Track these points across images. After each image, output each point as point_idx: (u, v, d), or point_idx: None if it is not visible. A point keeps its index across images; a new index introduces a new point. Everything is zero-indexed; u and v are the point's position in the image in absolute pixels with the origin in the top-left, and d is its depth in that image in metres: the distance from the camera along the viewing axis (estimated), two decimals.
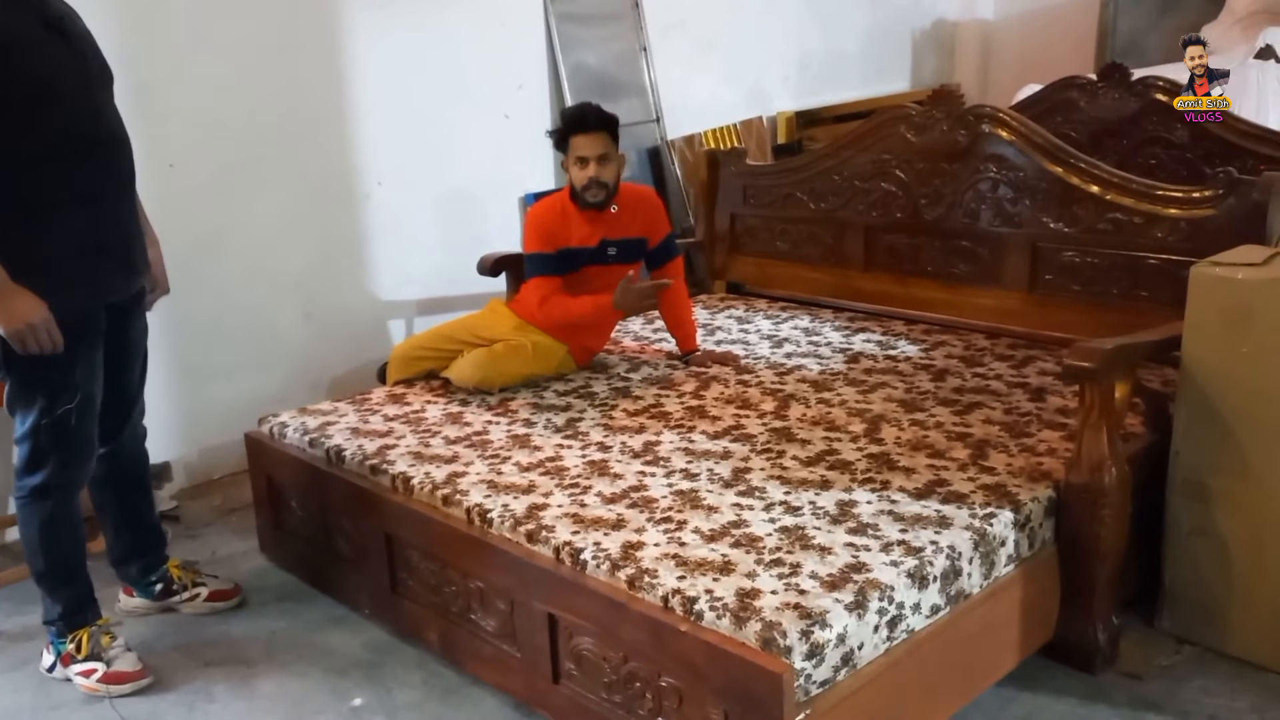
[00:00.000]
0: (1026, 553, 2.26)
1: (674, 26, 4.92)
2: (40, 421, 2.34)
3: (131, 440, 2.67)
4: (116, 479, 2.66)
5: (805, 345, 3.41)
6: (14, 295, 2.20)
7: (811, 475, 2.41)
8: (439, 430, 2.81)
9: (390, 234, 4.07)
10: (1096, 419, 2.26)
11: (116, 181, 2.38)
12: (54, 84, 2.21)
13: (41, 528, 2.43)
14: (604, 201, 3.12)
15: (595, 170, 3.06)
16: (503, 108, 4.38)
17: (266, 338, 3.77)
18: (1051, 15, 6.12)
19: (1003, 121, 3.17)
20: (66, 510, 2.45)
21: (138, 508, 2.74)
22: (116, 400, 2.54)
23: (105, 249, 2.36)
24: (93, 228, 2.32)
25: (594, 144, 3.06)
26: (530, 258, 3.19)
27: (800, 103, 5.63)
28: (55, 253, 2.26)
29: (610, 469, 2.51)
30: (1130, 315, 2.83)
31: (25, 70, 2.16)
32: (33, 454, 2.38)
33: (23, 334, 2.21)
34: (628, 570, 2.04)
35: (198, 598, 2.80)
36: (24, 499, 2.42)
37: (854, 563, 2.01)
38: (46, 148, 2.21)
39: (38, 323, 2.22)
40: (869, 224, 3.56)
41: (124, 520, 2.72)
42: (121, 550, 2.76)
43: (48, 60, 2.21)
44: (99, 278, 2.37)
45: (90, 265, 2.33)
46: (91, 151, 2.29)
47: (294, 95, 3.75)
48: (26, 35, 2.18)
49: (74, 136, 2.25)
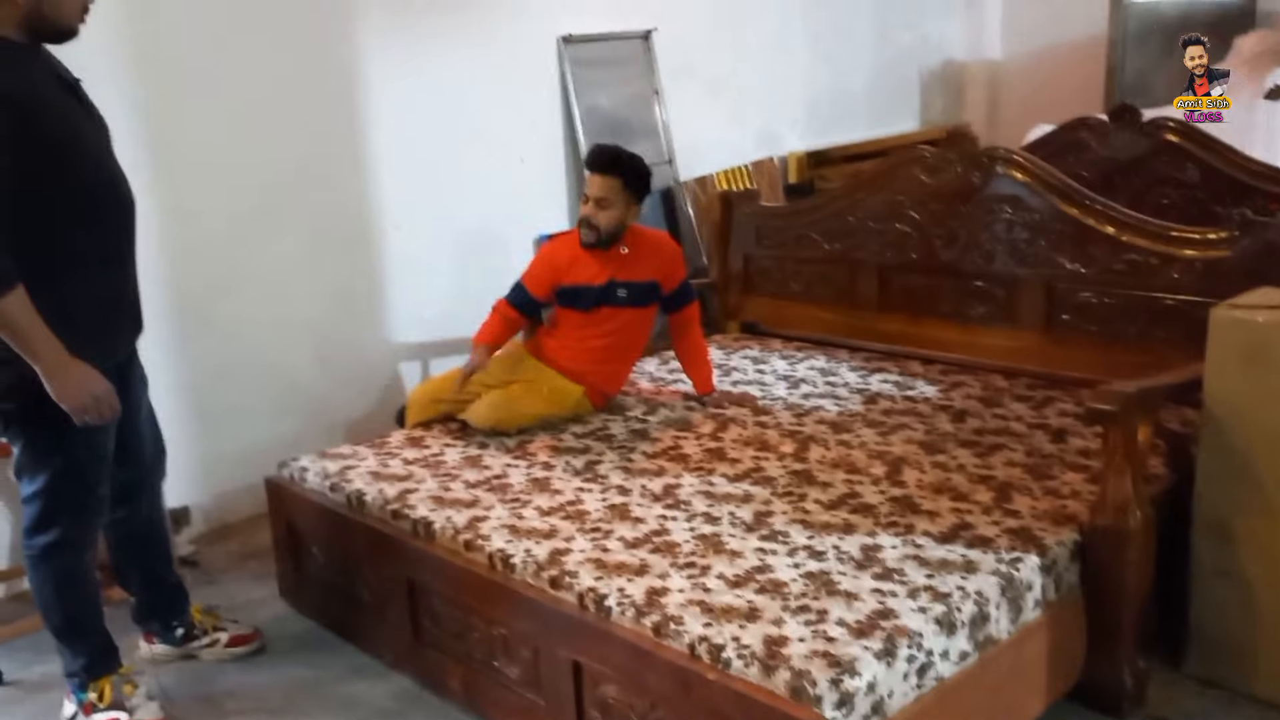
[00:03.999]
0: (1053, 597, 2.25)
1: (685, 70, 4.98)
2: (53, 483, 2.31)
3: (149, 504, 2.66)
4: (133, 542, 2.66)
5: (822, 386, 3.42)
6: (75, 369, 2.19)
7: (834, 519, 2.41)
8: (459, 474, 2.82)
9: (406, 276, 4.09)
10: (1120, 462, 2.26)
11: (130, 240, 2.40)
12: (77, 146, 2.23)
13: (59, 584, 2.40)
14: (595, 243, 3.15)
15: (591, 210, 3.13)
16: (517, 150, 4.42)
17: (283, 381, 3.79)
18: (1059, 55, 6.17)
19: (1017, 163, 3.20)
20: (80, 566, 2.43)
21: (155, 569, 2.74)
22: (125, 457, 2.52)
23: (122, 306, 2.38)
24: (112, 286, 2.34)
25: (596, 185, 3.13)
26: (517, 284, 3.29)
27: (810, 143, 5.67)
28: (79, 312, 2.25)
29: (631, 513, 2.51)
30: (1147, 355, 2.84)
31: (53, 134, 2.17)
32: (43, 513, 2.35)
33: (87, 407, 2.20)
34: (653, 617, 2.03)
35: (217, 643, 2.80)
36: (35, 557, 2.39)
37: (881, 609, 2.00)
38: (72, 210, 2.21)
39: (101, 394, 2.22)
40: (883, 264, 3.57)
41: (144, 580, 2.73)
42: (145, 610, 2.76)
43: (70, 123, 2.23)
44: (115, 335, 2.38)
45: (108, 323, 2.34)
46: (109, 212, 2.31)
47: (311, 141, 3.79)
48: (53, 99, 2.20)
49: (95, 198, 2.27)
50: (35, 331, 2.13)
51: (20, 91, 2.11)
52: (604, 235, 3.15)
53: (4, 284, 2.08)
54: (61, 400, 2.18)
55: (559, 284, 3.22)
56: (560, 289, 3.22)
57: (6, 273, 2.08)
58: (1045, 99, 5.97)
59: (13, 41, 2.14)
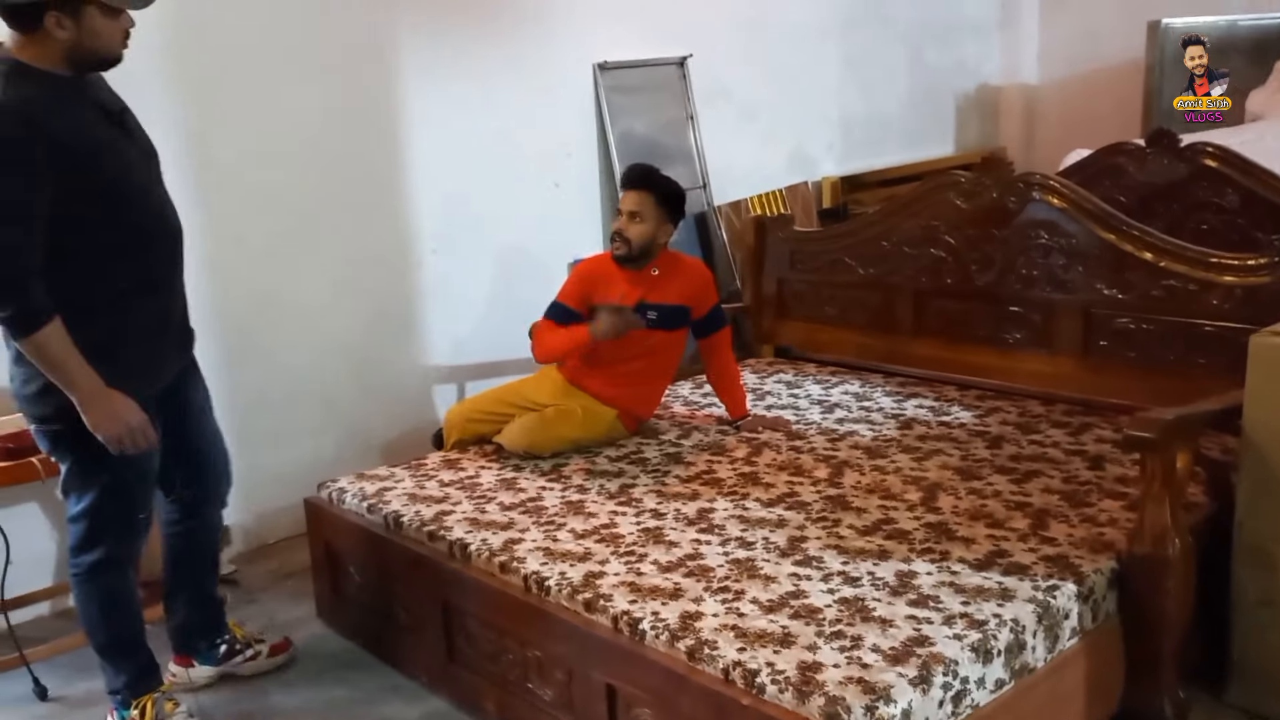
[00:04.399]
0: (1090, 625, 2.23)
1: (719, 95, 5.01)
2: (98, 503, 2.36)
3: (210, 522, 2.70)
4: (195, 556, 2.69)
5: (857, 410, 3.42)
6: (112, 399, 2.23)
7: (869, 545, 2.41)
8: (494, 496, 2.84)
9: (442, 300, 4.14)
10: (1158, 490, 2.24)
11: (177, 269, 2.44)
12: (123, 181, 2.26)
13: (101, 604, 2.45)
14: (625, 257, 3.19)
15: (622, 224, 3.19)
16: (552, 176, 4.47)
17: (320, 403, 3.83)
18: (1095, 79, 6.15)
19: (1053, 188, 3.19)
20: (124, 584, 2.47)
21: (205, 586, 2.77)
22: (194, 473, 2.59)
23: (166, 333, 2.42)
24: (158, 315, 2.38)
25: (629, 200, 3.20)
26: (554, 303, 3.31)
27: (845, 167, 5.68)
28: (122, 342, 2.28)
29: (665, 536, 2.52)
30: (1187, 382, 2.81)
31: (104, 169, 2.22)
32: (89, 532, 2.39)
33: (122, 437, 2.24)
34: (687, 641, 2.04)
35: (259, 655, 2.83)
36: (80, 575, 2.43)
37: (916, 636, 1.99)
38: (121, 242, 2.26)
39: (135, 425, 2.25)
40: (918, 289, 3.57)
41: (192, 599, 2.75)
42: (188, 630, 2.77)
43: (122, 158, 2.27)
44: (159, 363, 2.42)
45: (152, 351, 2.38)
46: (156, 241, 2.35)
47: (351, 166, 3.85)
48: (99, 136, 2.23)
49: (141, 229, 2.30)
50: (71, 363, 2.17)
51: (62, 133, 2.14)
52: (634, 249, 3.18)
53: (40, 319, 2.12)
54: (97, 430, 2.22)
55: (591, 302, 3.25)
56: (592, 308, 3.25)
57: (42, 308, 2.12)
58: (1082, 123, 5.95)
59: (57, 76, 2.17)
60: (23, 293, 2.11)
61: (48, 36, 2.14)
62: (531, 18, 4.30)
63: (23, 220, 2.09)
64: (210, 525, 2.71)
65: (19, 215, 2.09)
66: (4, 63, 2.16)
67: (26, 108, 2.10)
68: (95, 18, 2.15)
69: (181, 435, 2.54)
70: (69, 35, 2.14)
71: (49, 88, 2.16)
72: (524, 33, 4.28)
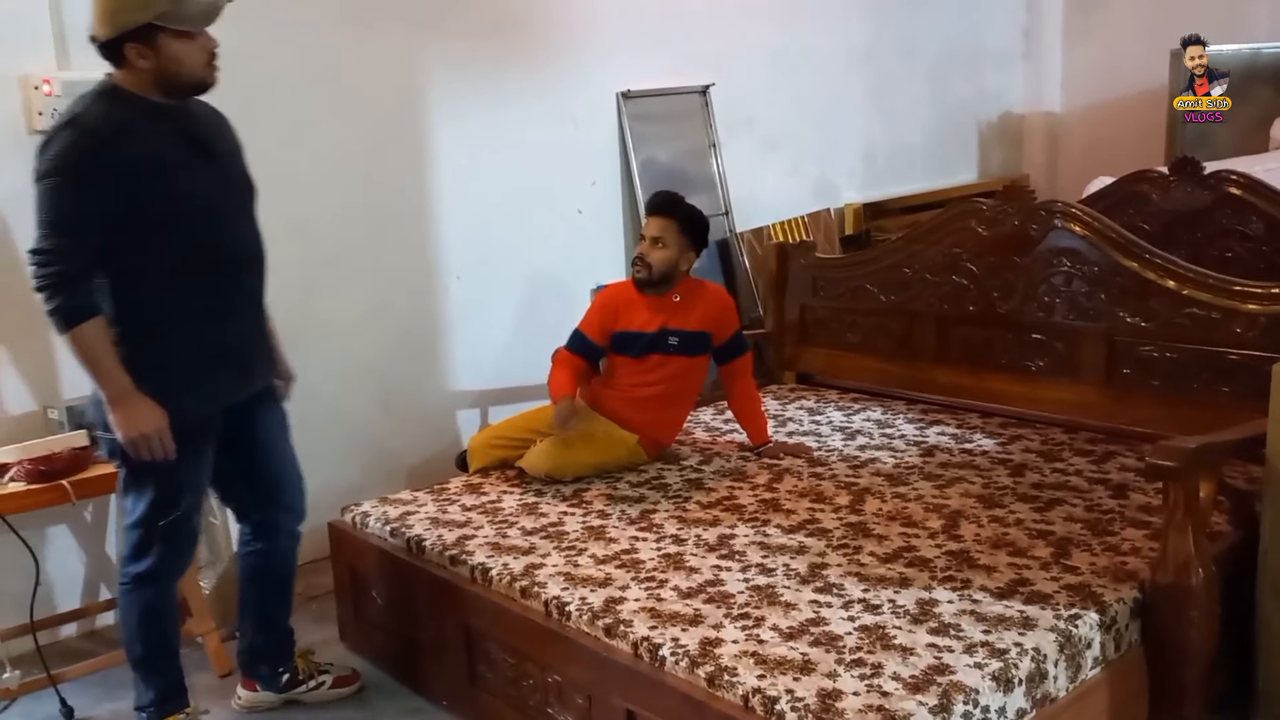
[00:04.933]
0: (1113, 655, 2.22)
1: (742, 123, 5.05)
2: (147, 514, 2.43)
3: (285, 547, 2.72)
4: (263, 578, 2.72)
5: (878, 438, 3.41)
6: (136, 403, 2.29)
7: (890, 572, 2.40)
8: (516, 521, 2.86)
9: (466, 326, 4.18)
10: (1181, 518, 2.24)
11: (246, 295, 2.50)
12: (195, 203, 2.34)
13: (141, 615, 2.51)
14: (645, 280, 3.23)
15: (644, 249, 3.22)
16: (576, 203, 4.51)
17: (347, 427, 3.87)
18: (1119, 107, 6.15)
19: (1075, 216, 3.19)
20: (165, 598, 2.54)
21: (273, 613, 2.78)
22: (261, 499, 2.64)
23: (225, 358, 2.46)
24: (215, 338, 2.43)
25: (653, 225, 3.24)
26: (576, 331, 3.34)
27: (867, 194, 5.70)
28: (175, 360, 2.36)
29: (686, 562, 2.52)
30: (1211, 411, 2.80)
31: (171, 192, 2.30)
32: (140, 542, 2.46)
33: (138, 442, 2.30)
34: (707, 667, 2.04)
35: (323, 685, 2.85)
36: (127, 585, 2.51)
37: (937, 664, 1.99)
38: (182, 262, 2.34)
39: (151, 432, 2.30)
40: (940, 316, 3.57)
41: (259, 623, 2.77)
42: (254, 654, 2.79)
43: (194, 181, 2.35)
44: (214, 385, 2.45)
45: (207, 372, 2.42)
46: (223, 266, 2.42)
47: (379, 195, 3.90)
48: (175, 159, 2.32)
49: (209, 252, 2.38)
50: (104, 363, 2.27)
51: (131, 151, 2.25)
52: (655, 274, 3.20)
53: (79, 316, 2.23)
54: (116, 429, 2.30)
55: (613, 329, 3.27)
56: (614, 335, 3.27)
57: (82, 306, 2.23)
58: (1105, 151, 5.94)
59: (146, 99, 2.30)
60: (67, 292, 2.22)
61: (134, 69, 2.27)
62: (557, 48, 4.36)
63: (77, 230, 2.22)
64: (278, 553, 2.72)
65: (74, 225, 2.22)
66: (102, 84, 2.31)
67: (99, 124, 2.23)
68: (170, 43, 2.26)
69: (251, 461, 2.60)
70: (150, 63, 2.26)
71: (133, 109, 2.28)
72: (550, 63, 4.34)
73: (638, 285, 3.27)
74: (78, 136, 2.21)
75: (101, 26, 2.24)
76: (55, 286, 2.21)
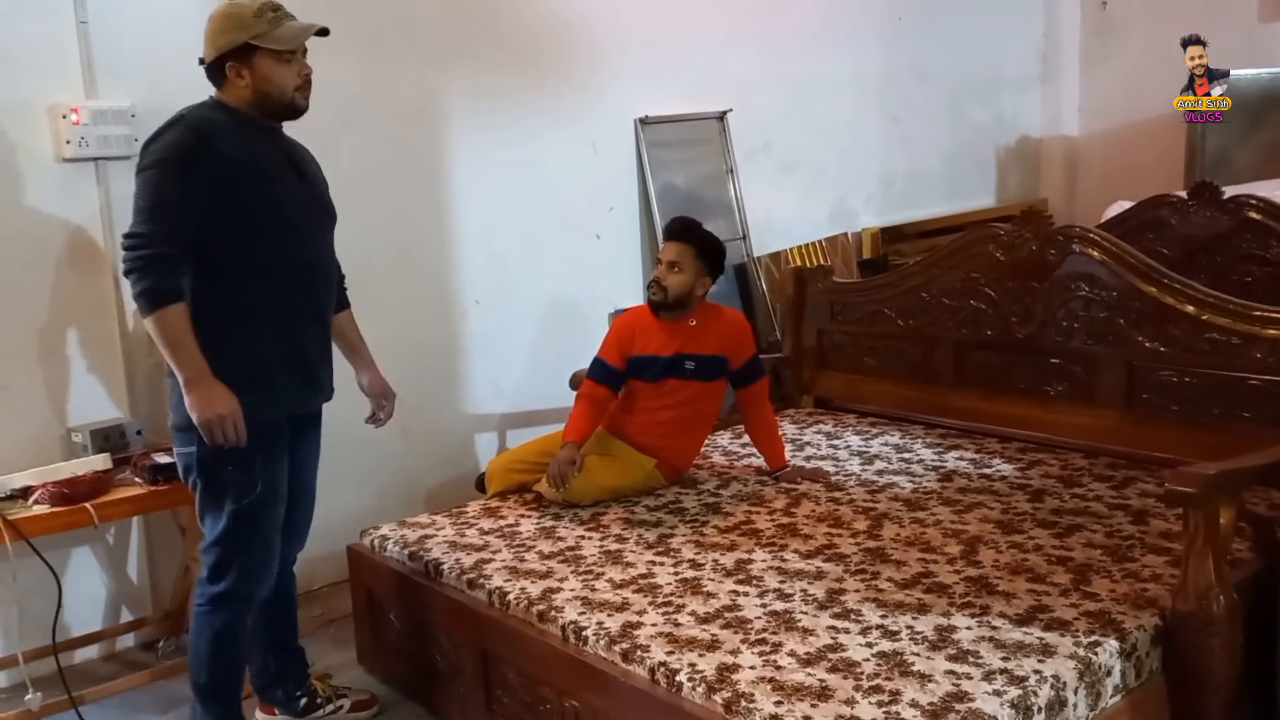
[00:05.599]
0: (1134, 683, 2.20)
1: (759, 149, 5.07)
2: (229, 527, 2.45)
3: (286, 566, 2.74)
4: (267, 606, 2.71)
5: (897, 462, 3.41)
6: (211, 385, 2.34)
7: (908, 598, 2.40)
8: (533, 545, 2.86)
9: (484, 350, 4.20)
10: (1202, 545, 2.22)
11: (315, 308, 2.59)
12: (283, 213, 2.46)
13: (214, 638, 2.51)
14: (660, 303, 3.24)
15: (661, 273, 3.24)
16: (594, 228, 4.54)
17: (366, 451, 3.87)
18: (1137, 131, 6.14)
19: (1093, 241, 3.19)
20: (241, 622, 2.54)
21: (282, 636, 2.81)
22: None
23: (288, 365, 2.52)
24: (282, 345, 2.50)
25: (669, 250, 3.26)
26: (596, 359, 3.34)
27: (885, 219, 5.71)
28: (240, 360, 2.41)
29: (703, 587, 2.52)
30: (1232, 436, 2.79)
31: (264, 196, 2.42)
32: (220, 560, 2.48)
33: (212, 424, 2.34)
34: (724, 693, 2.04)
35: (341, 709, 2.86)
36: (203, 607, 2.52)
37: (955, 691, 1.98)
38: (262, 267, 2.43)
39: (227, 414, 2.34)
40: (958, 341, 3.57)
41: (270, 647, 2.79)
42: (269, 676, 2.81)
43: (286, 192, 2.48)
44: (277, 390, 2.50)
45: (271, 377, 2.48)
46: (299, 276, 2.51)
47: (399, 221, 3.93)
48: (270, 168, 2.46)
49: (287, 261, 2.47)
50: (185, 346, 2.32)
51: (231, 151, 2.36)
52: (671, 297, 3.22)
53: (164, 299, 2.30)
54: (190, 411, 2.34)
55: (630, 353, 3.29)
56: (630, 359, 3.29)
57: (169, 290, 2.30)
58: (1124, 175, 5.93)
59: (247, 114, 2.45)
60: (156, 274, 2.29)
61: (233, 88, 2.45)
62: (576, 75, 4.39)
63: (172, 217, 2.31)
64: (285, 576, 2.75)
65: (170, 212, 2.31)
66: (206, 101, 2.48)
67: (203, 125, 2.37)
68: (266, 63, 2.42)
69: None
70: (248, 83, 2.43)
71: (236, 119, 2.43)
72: (568, 89, 4.38)
73: (653, 308, 3.28)
74: (185, 132, 2.34)
75: (208, 49, 2.43)
76: (145, 269, 2.28)
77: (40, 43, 3.10)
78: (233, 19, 2.41)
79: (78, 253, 3.21)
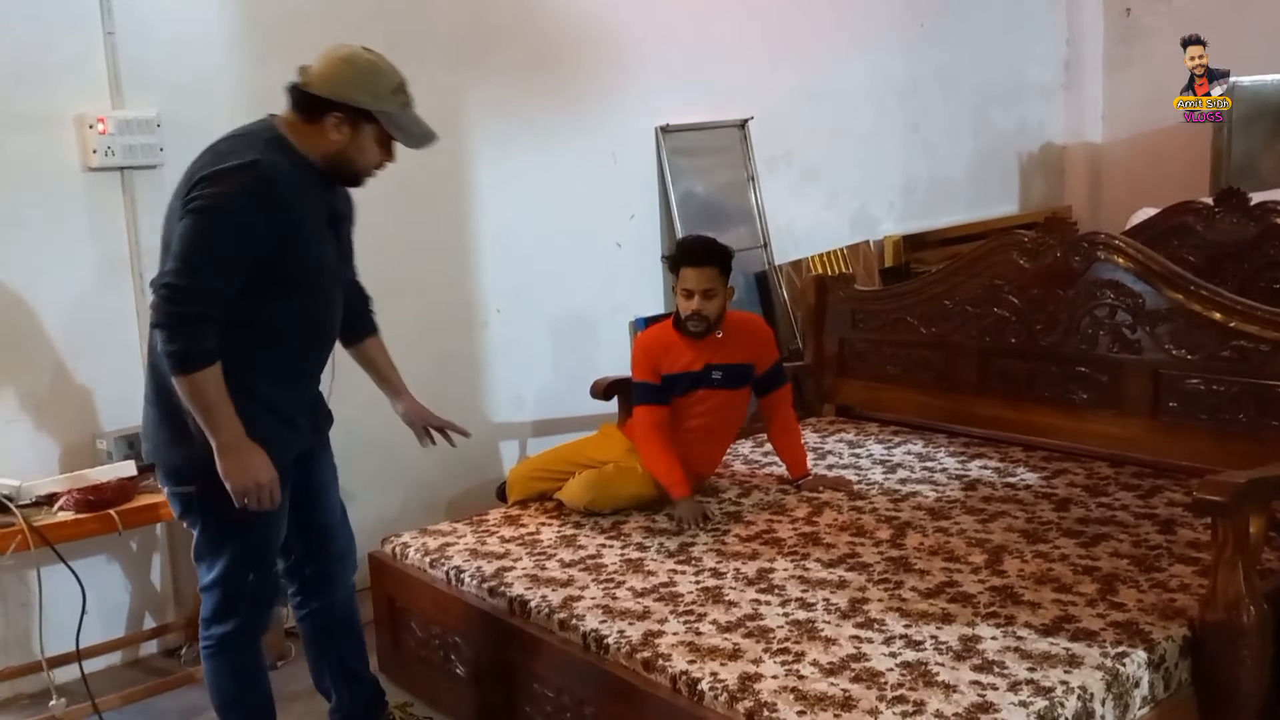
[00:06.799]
0: (1162, 694, 2.18)
1: (780, 157, 5.06)
2: (231, 570, 2.35)
3: (343, 598, 2.66)
4: (330, 635, 2.65)
5: (919, 471, 3.38)
6: (250, 452, 2.23)
7: (932, 608, 2.38)
8: (554, 553, 2.86)
9: (505, 359, 4.21)
10: (1231, 555, 2.19)
11: (325, 358, 2.50)
12: (319, 274, 2.35)
13: (237, 675, 2.43)
14: (704, 332, 3.17)
15: (699, 304, 3.11)
16: (615, 236, 4.54)
17: (388, 459, 3.89)
18: (1161, 137, 6.09)
19: (1118, 248, 3.16)
20: (256, 656, 2.47)
21: (349, 664, 2.70)
22: (314, 548, 2.58)
23: (301, 414, 2.44)
24: (297, 397, 2.42)
25: (700, 278, 3.12)
26: (637, 385, 3.27)
27: (906, 226, 5.68)
28: (262, 415, 2.27)
29: (724, 596, 2.51)
30: (1260, 445, 2.75)
31: (305, 257, 2.30)
32: (224, 601, 2.38)
33: (249, 491, 2.23)
34: (746, 703, 2.02)
35: None
36: (211, 648, 2.41)
37: (980, 702, 1.96)
38: (290, 325, 2.32)
39: (265, 482, 2.24)
40: (982, 349, 3.54)
41: (339, 677, 2.69)
42: (345, 712, 2.72)
43: (324, 253, 2.37)
44: (298, 436, 2.42)
45: (285, 428, 2.37)
46: (321, 332, 2.42)
47: (423, 231, 3.95)
48: (315, 228, 2.33)
49: (314, 320, 2.38)
50: (222, 410, 2.18)
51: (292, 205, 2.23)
52: (714, 325, 3.18)
53: (202, 360, 2.14)
54: (226, 478, 2.21)
55: (660, 372, 3.24)
56: (663, 378, 3.25)
57: (207, 351, 2.14)
58: (1149, 182, 5.88)
59: (309, 163, 2.29)
60: (192, 336, 2.14)
61: (320, 133, 2.28)
62: (597, 84, 4.40)
63: (220, 277, 2.16)
64: (339, 605, 2.65)
65: (220, 270, 2.16)
66: (271, 130, 2.28)
67: (278, 176, 2.20)
68: (369, 136, 2.30)
69: (304, 510, 2.53)
70: (340, 140, 2.28)
71: (300, 169, 2.27)
72: (589, 98, 4.39)
73: (693, 336, 3.21)
74: (256, 183, 2.17)
75: (324, 83, 2.25)
76: (180, 328, 2.13)
77: (68, 54, 3.14)
78: (369, 80, 2.27)
79: (103, 261, 3.24)
